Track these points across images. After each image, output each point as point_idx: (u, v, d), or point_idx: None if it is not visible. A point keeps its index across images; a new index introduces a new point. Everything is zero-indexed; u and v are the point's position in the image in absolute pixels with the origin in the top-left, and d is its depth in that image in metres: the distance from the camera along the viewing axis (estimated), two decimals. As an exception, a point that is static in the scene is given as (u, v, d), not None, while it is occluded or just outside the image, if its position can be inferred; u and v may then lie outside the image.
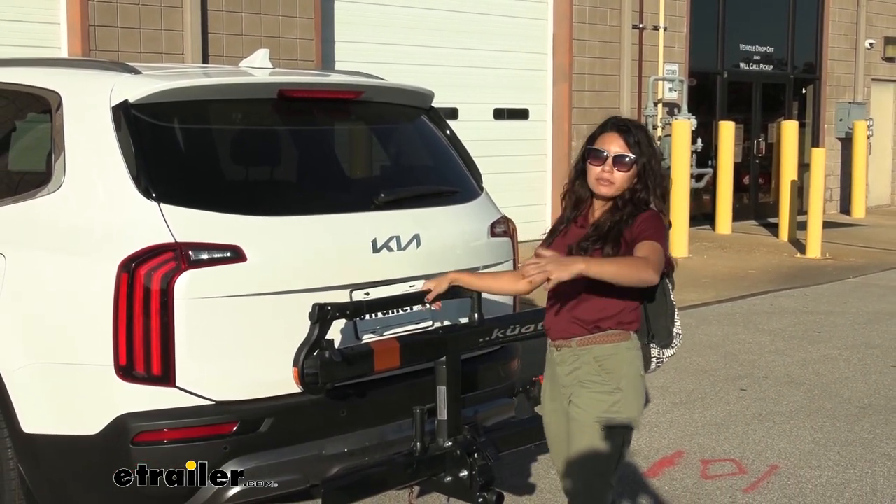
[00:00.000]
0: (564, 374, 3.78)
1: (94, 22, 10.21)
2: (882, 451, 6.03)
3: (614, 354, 3.70)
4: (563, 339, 3.77)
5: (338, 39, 12.47)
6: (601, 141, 3.75)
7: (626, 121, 3.80)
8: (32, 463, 4.10)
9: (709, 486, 5.47)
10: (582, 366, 3.72)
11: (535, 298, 8.41)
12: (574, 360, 3.74)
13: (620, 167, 3.69)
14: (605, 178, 3.70)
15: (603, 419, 3.67)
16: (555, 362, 3.84)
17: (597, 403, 3.68)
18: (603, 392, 3.68)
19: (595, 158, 3.73)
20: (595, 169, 3.73)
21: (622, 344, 3.72)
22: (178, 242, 3.88)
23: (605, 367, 3.69)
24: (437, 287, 4.14)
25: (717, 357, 8.22)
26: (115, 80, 4.29)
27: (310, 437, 4.14)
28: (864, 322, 9.72)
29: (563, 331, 3.76)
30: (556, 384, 3.85)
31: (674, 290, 3.88)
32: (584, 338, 3.71)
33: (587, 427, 3.69)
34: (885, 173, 21.23)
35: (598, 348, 3.70)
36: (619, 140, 3.70)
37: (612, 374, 3.69)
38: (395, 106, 5.14)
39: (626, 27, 15.31)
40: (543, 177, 14.92)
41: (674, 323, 3.85)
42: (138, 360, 3.85)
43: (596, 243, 3.65)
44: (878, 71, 20.59)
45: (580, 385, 3.72)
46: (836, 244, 14.81)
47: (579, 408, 3.71)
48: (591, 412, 3.68)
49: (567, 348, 3.76)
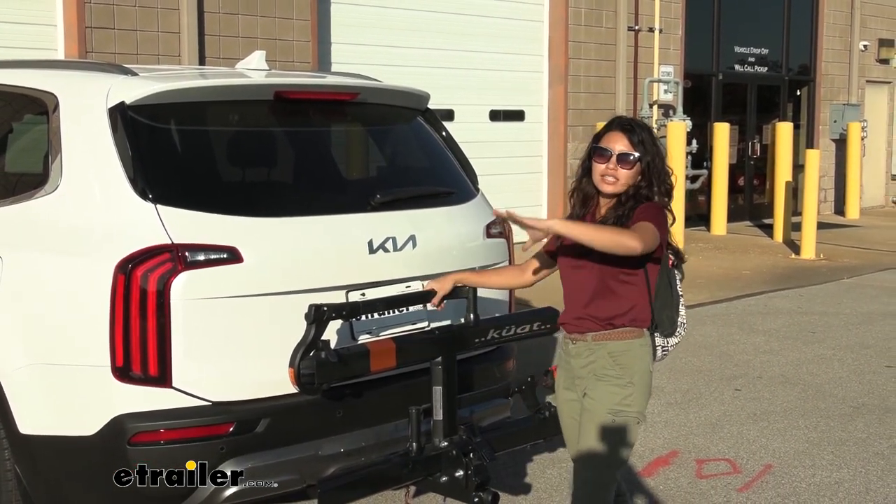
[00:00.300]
0: (580, 367, 3.88)
1: (91, 24, 10.21)
2: (875, 451, 6.04)
3: (628, 351, 3.81)
4: (579, 332, 3.86)
5: (334, 41, 12.47)
6: (606, 140, 3.83)
7: (630, 120, 3.90)
8: (29, 464, 4.10)
9: (703, 486, 5.48)
10: (597, 359, 3.83)
11: (531, 299, 8.42)
12: (589, 353, 3.84)
13: (624, 165, 3.76)
14: (610, 176, 3.78)
15: (615, 411, 3.77)
16: (570, 354, 3.93)
17: (610, 396, 3.79)
18: (617, 385, 3.79)
19: (600, 156, 3.81)
20: (600, 167, 3.80)
21: (636, 341, 3.82)
22: (175, 243, 3.88)
23: (619, 362, 3.80)
24: (442, 288, 4.20)
25: (711, 357, 8.23)
26: (111, 81, 4.30)
27: (306, 437, 4.14)
28: (858, 322, 9.73)
29: (579, 325, 3.86)
30: (571, 375, 3.95)
31: (682, 282, 3.97)
32: (599, 333, 3.82)
33: (600, 418, 3.79)
34: (879, 174, 21.25)
35: (613, 344, 3.81)
36: (624, 139, 3.78)
37: (627, 368, 3.80)
38: (392, 107, 5.15)
39: (621, 29, 15.32)
40: (539, 178, 14.93)
41: (678, 313, 3.93)
42: (135, 361, 3.85)
43: None
44: (872, 73, 20.63)
45: (595, 378, 3.83)
46: (831, 245, 14.83)
47: (593, 399, 3.82)
48: (605, 404, 3.78)
49: (583, 342, 3.86)
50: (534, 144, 14.83)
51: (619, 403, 3.77)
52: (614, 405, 3.77)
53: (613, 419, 3.77)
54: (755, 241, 15.52)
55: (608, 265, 3.72)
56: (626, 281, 3.76)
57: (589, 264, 3.77)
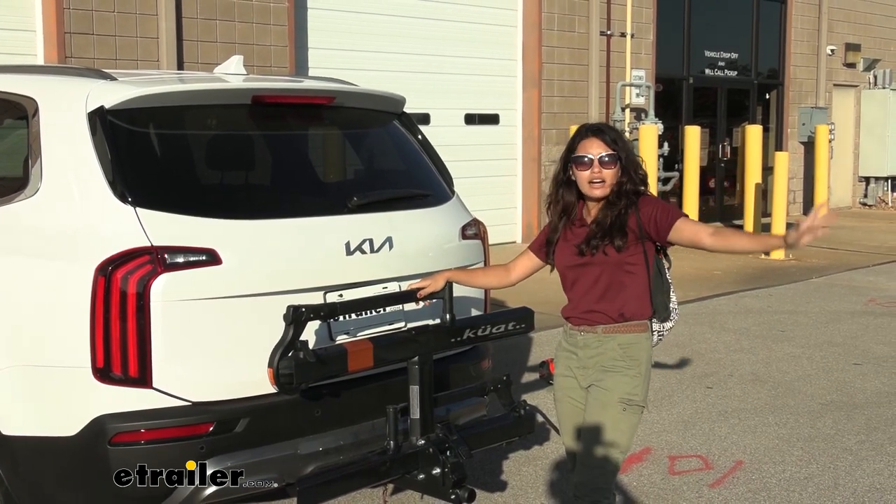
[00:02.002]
0: (587, 357, 4.01)
1: (70, 29, 10.17)
2: (843, 447, 6.09)
3: (636, 343, 3.98)
4: (589, 325, 3.99)
5: (311, 46, 12.46)
6: (582, 148, 3.93)
7: (597, 124, 4.02)
8: (11, 464, 4.08)
9: (676, 482, 5.51)
10: (606, 351, 3.97)
11: (506, 300, 8.44)
12: (598, 344, 3.98)
13: (607, 166, 3.90)
14: (597, 180, 3.90)
15: (626, 400, 3.95)
16: (577, 346, 4.04)
17: (622, 385, 3.95)
18: (627, 375, 3.96)
19: (580, 165, 3.92)
20: (584, 174, 3.92)
21: (643, 334, 4.00)
22: (154, 246, 3.88)
23: (628, 353, 3.97)
24: (433, 285, 4.31)
25: (683, 355, 8.26)
26: (90, 86, 4.28)
27: (285, 436, 4.14)
28: (826, 321, 9.80)
29: (589, 318, 3.99)
30: (575, 365, 4.06)
31: (670, 269, 4.14)
32: (609, 326, 3.96)
33: (612, 407, 3.95)
34: (846, 176, 21.40)
35: (623, 336, 3.97)
36: (599, 142, 3.91)
37: (635, 359, 3.97)
38: (368, 111, 5.15)
39: (594, 34, 15.37)
40: (514, 181, 14.97)
41: (670, 298, 4.11)
42: (115, 362, 3.84)
43: (603, 239, 3.89)
44: (839, 76, 20.77)
45: (604, 369, 3.97)
46: (800, 245, 14.88)
47: (605, 389, 3.96)
48: (616, 392, 3.95)
49: (592, 334, 3.99)
50: (508, 147, 14.86)
51: (629, 393, 3.95)
52: (625, 394, 3.94)
53: (625, 407, 3.95)
54: (726, 242, 15.54)
55: (614, 259, 3.89)
56: (631, 272, 3.93)
57: (594, 260, 3.92)
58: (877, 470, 5.70)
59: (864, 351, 8.53)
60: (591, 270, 3.94)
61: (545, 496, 5.28)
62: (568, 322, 4.09)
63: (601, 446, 3.95)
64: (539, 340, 8.30)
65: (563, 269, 4.07)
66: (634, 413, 3.98)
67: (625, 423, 3.95)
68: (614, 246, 3.87)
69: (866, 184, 21.71)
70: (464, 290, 4.67)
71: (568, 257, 4.01)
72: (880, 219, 19.46)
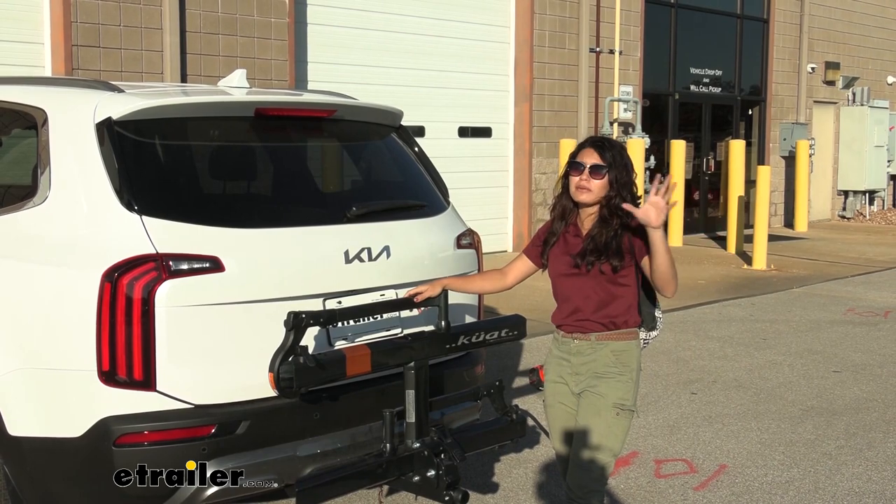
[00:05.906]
0: (580, 364, 4.03)
1: (77, 42, 10.15)
2: (824, 451, 6.09)
3: (628, 350, 4.02)
4: (582, 332, 4.01)
5: (310, 60, 12.45)
6: (580, 156, 4.03)
7: (601, 138, 4.09)
8: (18, 464, 4.06)
9: (662, 485, 5.50)
10: (599, 357, 3.99)
11: (497, 306, 8.43)
12: (592, 351, 4.00)
13: (595, 175, 3.96)
14: (584, 186, 3.98)
15: (619, 405, 3.98)
16: (570, 352, 4.05)
17: (615, 391, 3.98)
18: (620, 381, 3.99)
19: (575, 170, 4.01)
20: (574, 178, 4.01)
21: (633, 342, 4.04)
22: (159, 253, 3.87)
23: (621, 359, 4.00)
24: (431, 290, 4.31)
25: (668, 362, 8.27)
26: (98, 98, 4.28)
27: (284, 438, 4.13)
28: (807, 329, 9.81)
29: (582, 326, 4.01)
30: (564, 371, 4.08)
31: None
32: (602, 333, 3.99)
33: (605, 411, 3.98)
34: (825, 189, 21.45)
35: (615, 343, 4.00)
36: (595, 154, 3.99)
37: (627, 366, 4.00)
38: (367, 124, 5.15)
39: (583, 51, 15.39)
40: (505, 192, 14.97)
41: (657, 308, 4.20)
42: (121, 366, 3.83)
43: (600, 257, 3.93)
44: (819, 93, 20.82)
45: (597, 375, 4.00)
46: (781, 256, 14.94)
47: (599, 395, 3.99)
48: (610, 398, 3.97)
49: (585, 341, 4.01)
50: (500, 159, 14.86)
51: (622, 398, 3.98)
52: (618, 399, 3.97)
53: (618, 412, 3.98)
54: (709, 253, 15.61)
55: (609, 275, 3.93)
56: (624, 283, 3.97)
57: (589, 273, 3.95)
58: (856, 474, 5.70)
59: (842, 359, 8.53)
60: (586, 282, 3.96)
61: (535, 498, 5.27)
62: (560, 330, 4.09)
63: (596, 450, 3.96)
64: (529, 346, 8.29)
65: (556, 278, 4.07)
66: (627, 417, 4.01)
67: (618, 427, 3.98)
68: (611, 265, 3.91)
69: (845, 197, 21.74)
70: (458, 297, 4.67)
71: (562, 266, 4.02)
72: (858, 231, 19.49)
